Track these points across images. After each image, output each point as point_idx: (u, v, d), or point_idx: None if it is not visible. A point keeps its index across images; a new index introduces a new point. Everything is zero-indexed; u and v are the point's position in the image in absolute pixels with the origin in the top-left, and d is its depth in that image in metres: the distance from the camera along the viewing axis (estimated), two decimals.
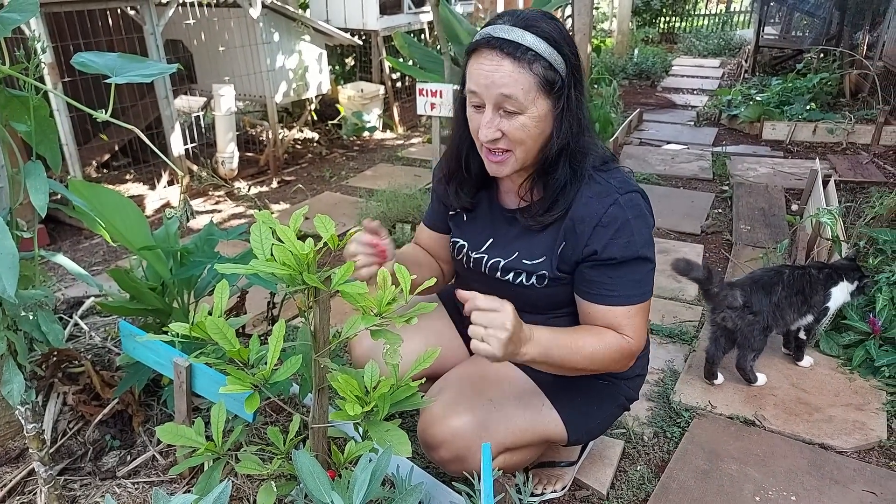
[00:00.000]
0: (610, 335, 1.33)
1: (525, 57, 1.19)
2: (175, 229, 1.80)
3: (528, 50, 1.19)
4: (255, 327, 2.26)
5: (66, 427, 1.70)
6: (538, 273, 1.39)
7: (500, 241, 1.46)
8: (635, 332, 1.35)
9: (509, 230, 1.44)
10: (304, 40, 4.92)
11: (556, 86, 1.23)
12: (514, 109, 1.22)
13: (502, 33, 1.21)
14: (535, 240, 1.39)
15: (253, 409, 1.05)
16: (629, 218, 1.29)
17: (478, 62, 1.23)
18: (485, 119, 1.24)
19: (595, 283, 1.34)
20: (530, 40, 1.20)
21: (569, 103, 1.26)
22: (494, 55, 1.20)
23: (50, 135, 1.32)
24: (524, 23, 1.22)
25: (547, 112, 1.25)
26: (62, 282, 2.98)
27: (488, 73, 1.20)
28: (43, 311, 1.38)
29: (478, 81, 1.23)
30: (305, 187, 4.52)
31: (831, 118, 5.20)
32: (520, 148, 1.27)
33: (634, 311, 1.34)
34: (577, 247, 1.32)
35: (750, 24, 11.53)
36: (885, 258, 2.64)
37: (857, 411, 2.09)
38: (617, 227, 1.29)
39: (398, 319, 1.04)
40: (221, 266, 0.99)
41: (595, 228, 1.29)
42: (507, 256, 1.43)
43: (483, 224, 1.49)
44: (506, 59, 1.19)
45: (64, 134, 3.53)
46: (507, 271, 1.43)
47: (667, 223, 3.60)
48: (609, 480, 1.82)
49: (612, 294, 1.32)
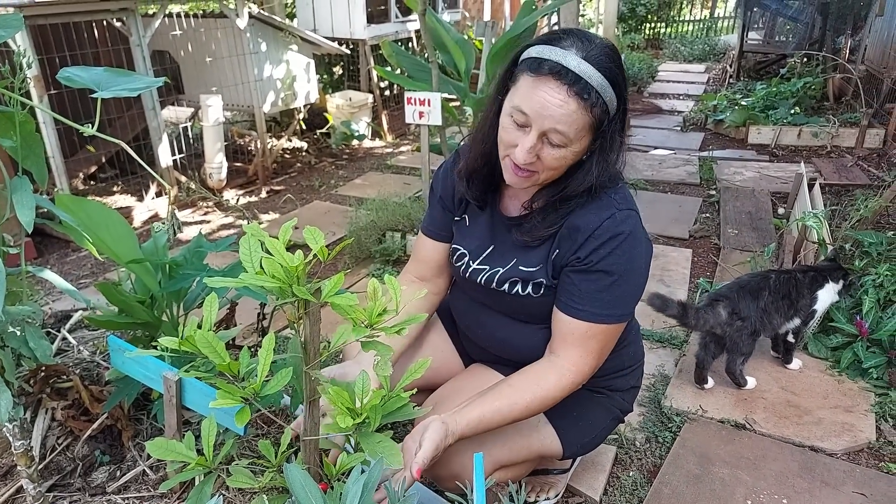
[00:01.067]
0: (549, 377, 1.33)
1: (590, 99, 1.16)
2: (164, 242, 1.79)
3: (595, 91, 1.16)
4: (246, 339, 2.25)
5: (55, 443, 1.68)
6: (535, 281, 1.38)
7: (499, 248, 1.45)
8: (584, 357, 1.33)
9: (508, 238, 1.43)
10: (291, 50, 4.92)
11: (603, 126, 1.21)
12: (559, 143, 1.20)
13: (573, 65, 1.15)
14: (532, 249, 1.39)
15: (244, 423, 1.05)
16: (619, 233, 1.28)
17: (540, 88, 1.17)
18: (527, 143, 1.20)
19: (566, 290, 1.33)
20: (598, 83, 1.16)
21: (611, 143, 1.25)
22: (563, 91, 1.15)
23: (36, 149, 1.31)
24: (595, 59, 1.17)
25: (587, 146, 1.24)
26: (50, 295, 2.96)
27: (552, 106, 1.16)
28: (30, 326, 1.37)
29: (534, 107, 1.18)
30: (295, 197, 4.52)
31: (815, 122, 5.26)
32: (548, 172, 1.26)
33: (593, 332, 1.32)
34: (567, 253, 1.33)
35: (734, 29, 11.66)
36: (871, 260, 2.67)
37: (845, 413, 2.11)
38: (605, 239, 1.28)
39: (389, 331, 1.04)
40: (211, 280, 0.99)
41: (588, 239, 1.29)
42: (506, 265, 1.42)
43: (484, 231, 1.48)
44: (573, 98, 1.15)
45: (50, 146, 3.51)
46: (503, 282, 1.42)
47: (655, 228, 3.62)
48: (602, 487, 1.82)
49: (577, 307, 1.31)
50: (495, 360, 1.57)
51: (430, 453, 1.18)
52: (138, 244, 1.70)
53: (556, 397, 1.34)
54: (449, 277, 1.64)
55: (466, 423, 1.25)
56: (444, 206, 1.55)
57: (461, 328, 1.66)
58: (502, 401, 1.30)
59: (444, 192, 1.54)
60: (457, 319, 1.67)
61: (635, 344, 1.61)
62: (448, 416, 1.25)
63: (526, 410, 1.32)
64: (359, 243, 3.39)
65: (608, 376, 1.52)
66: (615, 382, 1.54)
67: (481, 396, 1.32)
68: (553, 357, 1.36)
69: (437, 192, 1.56)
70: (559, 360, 1.34)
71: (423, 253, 1.61)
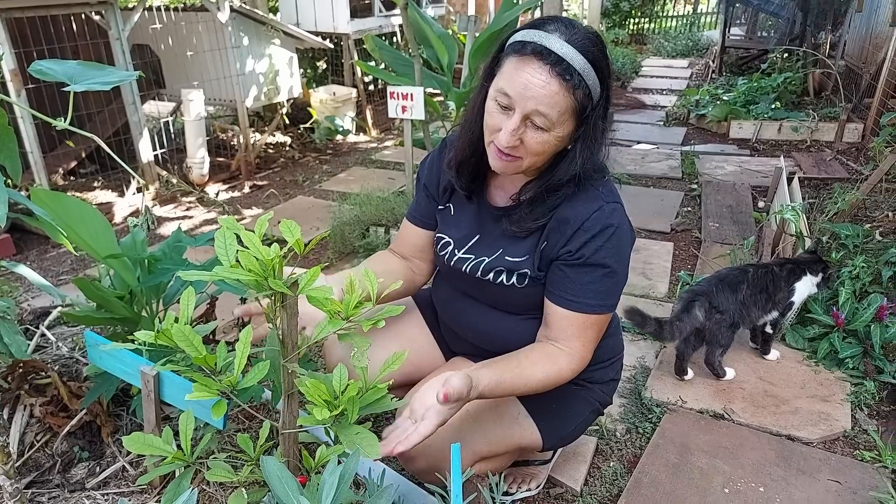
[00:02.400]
0: (560, 358, 1.34)
1: (572, 81, 1.16)
2: (142, 237, 1.78)
3: (577, 74, 1.17)
4: (226, 334, 2.24)
5: (34, 439, 1.67)
6: (520, 271, 1.39)
7: (485, 238, 1.46)
8: (583, 347, 1.36)
9: (495, 228, 1.44)
10: (274, 44, 4.89)
11: (586, 111, 1.22)
12: (542, 126, 1.20)
13: (556, 48, 1.16)
14: (519, 239, 1.40)
15: (220, 416, 1.05)
16: (609, 225, 1.30)
17: (523, 69, 1.18)
18: (510, 126, 1.21)
19: (559, 283, 1.35)
20: (581, 65, 1.17)
21: (594, 130, 1.25)
22: (545, 71, 1.16)
23: (9, 143, 1.29)
24: (579, 43, 1.17)
25: (570, 133, 1.25)
26: (29, 292, 2.93)
27: (535, 86, 1.17)
28: (5, 322, 1.36)
29: (517, 89, 1.18)
30: (278, 192, 4.50)
31: (796, 117, 5.31)
32: (531, 158, 1.26)
33: (590, 322, 1.35)
34: (556, 246, 1.34)
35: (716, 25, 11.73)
36: (847, 252, 2.71)
37: (822, 403, 2.14)
38: (595, 232, 1.30)
39: (366, 323, 1.05)
40: (185, 273, 0.98)
41: (577, 231, 1.31)
42: (491, 254, 1.43)
43: (469, 220, 1.49)
44: (555, 78, 1.16)
45: (29, 141, 3.47)
46: (488, 271, 1.43)
47: (637, 222, 3.65)
48: (583, 477, 1.84)
49: (572, 299, 1.33)
50: (476, 353, 1.57)
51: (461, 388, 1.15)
52: (116, 239, 1.69)
53: (564, 379, 1.35)
54: (430, 264, 1.65)
55: (488, 381, 1.24)
56: (427, 195, 1.56)
57: (443, 319, 1.67)
58: (521, 368, 1.31)
59: (429, 180, 1.55)
60: (439, 310, 1.67)
61: (615, 336, 1.62)
62: (470, 370, 1.23)
63: (539, 384, 1.32)
64: (342, 238, 3.39)
65: (588, 368, 1.52)
66: (595, 374, 1.55)
67: (499, 360, 1.32)
68: (556, 343, 1.37)
69: (422, 181, 1.58)
70: (563, 346, 1.36)
71: (407, 237, 1.63)
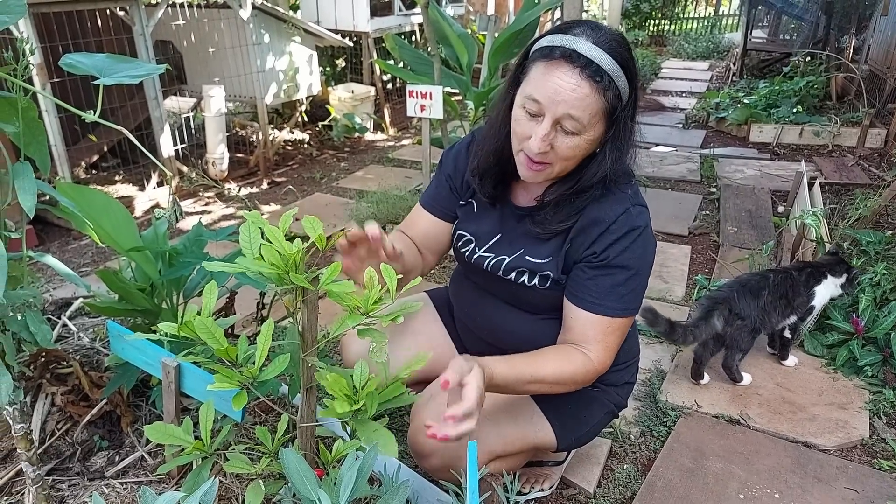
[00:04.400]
0: (577, 356, 1.32)
1: (603, 83, 1.15)
2: (164, 230, 1.80)
3: (606, 75, 1.16)
4: (245, 328, 2.27)
5: (55, 427, 1.70)
6: (542, 273, 1.38)
7: (507, 236, 1.44)
8: (605, 352, 1.34)
9: (517, 227, 1.42)
10: (294, 41, 4.92)
11: (616, 112, 1.21)
12: (573, 130, 1.19)
13: (584, 50, 1.15)
14: (542, 240, 1.38)
15: (240, 407, 1.06)
16: (635, 227, 1.29)
17: (552, 73, 1.17)
18: (541, 131, 1.19)
19: (582, 285, 1.33)
20: (610, 66, 1.16)
21: (624, 131, 1.24)
22: (575, 74, 1.15)
23: (38, 136, 1.32)
24: (606, 45, 1.16)
25: (600, 135, 1.23)
26: (51, 283, 2.97)
27: (566, 90, 1.15)
28: (31, 311, 1.38)
29: (546, 94, 1.17)
30: (296, 188, 4.53)
31: (817, 121, 5.25)
32: (562, 163, 1.25)
33: (613, 327, 1.33)
34: (581, 248, 1.32)
35: (738, 27, 11.62)
36: (868, 259, 2.68)
37: (840, 410, 2.12)
38: (621, 234, 1.29)
39: (385, 318, 1.06)
40: (210, 264, 1.00)
41: (603, 233, 1.29)
42: (513, 253, 1.41)
43: (492, 218, 1.47)
44: (585, 81, 1.15)
45: (53, 135, 3.52)
46: (510, 270, 1.41)
47: (655, 224, 3.58)
48: (596, 479, 1.84)
49: (595, 301, 1.31)
50: (492, 352, 1.58)
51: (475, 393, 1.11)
52: (138, 232, 1.72)
53: (579, 381, 1.33)
54: (435, 256, 1.60)
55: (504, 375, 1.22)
56: (451, 187, 1.53)
57: (458, 316, 1.67)
58: (534, 359, 1.29)
59: (454, 172, 1.51)
60: (456, 306, 1.67)
61: (631, 339, 1.61)
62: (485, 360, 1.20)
63: (553, 377, 1.28)
64: None
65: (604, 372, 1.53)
66: (610, 377, 1.54)
67: (513, 357, 1.29)
68: (576, 346, 1.35)
69: (444, 170, 1.53)
70: (583, 349, 1.34)
71: (420, 224, 1.57)
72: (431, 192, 1.57)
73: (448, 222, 1.56)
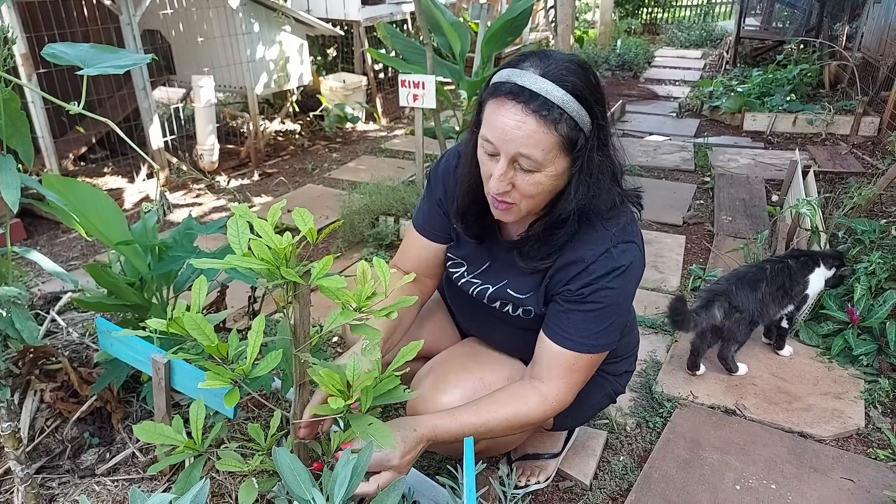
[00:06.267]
0: (532, 397, 1.32)
1: (551, 116, 1.09)
2: (153, 223, 1.77)
3: (556, 108, 1.09)
4: (237, 322, 2.24)
5: (44, 425, 1.67)
6: (524, 307, 1.39)
7: (495, 265, 1.43)
8: (566, 388, 1.33)
9: (506, 256, 1.40)
10: (284, 31, 4.86)
11: (577, 145, 1.14)
12: (531, 168, 1.14)
13: (529, 84, 1.10)
14: (525, 275, 1.37)
15: (232, 405, 1.04)
16: (616, 268, 1.25)
17: (499, 112, 1.12)
18: (497, 172, 1.15)
19: (556, 317, 1.32)
20: (559, 97, 1.09)
21: (589, 164, 1.17)
22: (519, 110, 1.10)
23: (21, 128, 1.29)
24: (554, 75, 1.11)
25: (564, 169, 1.17)
26: (39, 277, 2.93)
27: (509, 129, 1.11)
28: (17, 307, 1.35)
29: (495, 134, 1.13)
30: (288, 180, 4.48)
31: (811, 109, 5.24)
32: (528, 201, 1.20)
33: (580, 363, 1.31)
34: (559, 284, 1.31)
35: (731, 15, 11.60)
36: (863, 248, 2.67)
37: (835, 400, 2.12)
38: (600, 275, 1.25)
39: (378, 314, 1.03)
40: (198, 261, 0.97)
41: (580, 273, 1.26)
42: (496, 283, 1.41)
43: (484, 245, 1.44)
44: (530, 116, 1.09)
45: (39, 126, 3.47)
46: (493, 300, 1.43)
47: (649, 214, 3.61)
48: (592, 471, 1.83)
49: (565, 336, 1.30)
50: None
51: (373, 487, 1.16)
52: (127, 226, 1.68)
53: (534, 421, 1.34)
54: (436, 279, 1.59)
55: (446, 429, 1.26)
56: (443, 211, 1.47)
57: (455, 315, 1.68)
58: (482, 410, 1.30)
59: (445, 195, 1.45)
60: (453, 309, 1.69)
61: (631, 333, 1.62)
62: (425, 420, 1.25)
63: (505, 423, 1.30)
64: (352, 227, 3.37)
65: (604, 362, 1.52)
66: (609, 367, 1.54)
67: (461, 409, 1.31)
68: (536, 383, 1.35)
69: (435, 194, 1.47)
70: (543, 387, 1.33)
71: (413, 251, 1.54)
72: (424, 216, 1.51)
73: (444, 244, 1.52)
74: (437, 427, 1.25)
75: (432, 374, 1.49)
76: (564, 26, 4.96)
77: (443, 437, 1.25)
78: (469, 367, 1.48)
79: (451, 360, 1.53)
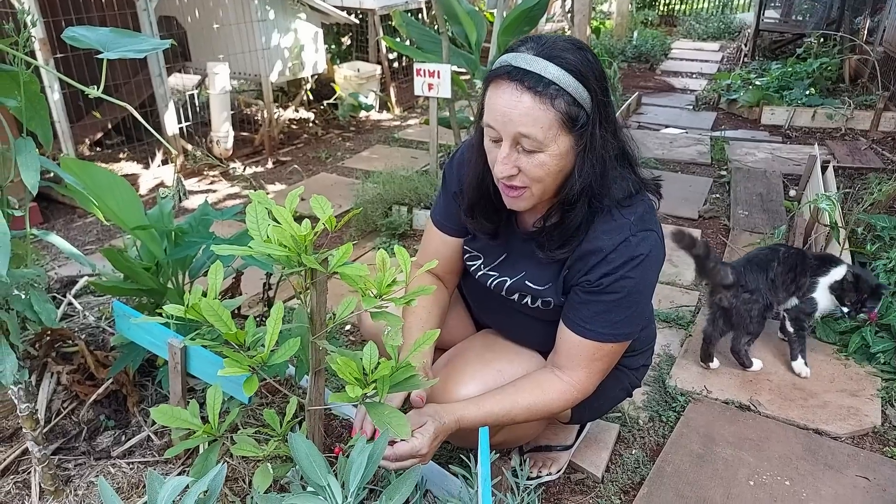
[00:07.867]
0: (554, 385, 1.33)
1: (547, 92, 1.09)
2: (169, 209, 1.78)
3: (551, 84, 1.09)
4: (251, 308, 2.25)
5: (60, 407, 1.69)
6: (543, 298, 1.38)
7: (512, 257, 1.42)
8: (588, 378, 1.33)
9: (523, 247, 1.39)
10: (299, 18, 4.85)
11: (579, 122, 1.13)
12: (533, 148, 1.14)
13: (523, 63, 1.11)
14: (543, 266, 1.36)
15: (251, 392, 1.04)
16: (635, 256, 1.24)
17: (496, 94, 1.14)
18: (501, 155, 1.16)
19: (575, 308, 1.31)
20: (554, 73, 1.10)
21: (592, 142, 1.16)
22: (514, 89, 1.10)
23: (41, 111, 1.29)
24: (548, 52, 1.11)
25: (569, 149, 1.16)
26: (56, 261, 2.96)
27: (506, 108, 1.11)
28: (35, 290, 1.36)
29: (494, 116, 1.14)
30: (301, 168, 4.49)
31: (830, 104, 5.17)
32: (537, 185, 1.19)
33: (601, 352, 1.31)
34: (578, 274, 1.30)
35: (750, 7, 11.44)
36: (883, 244, 2.64)
37: (851, 397, 2.10)
38: (619, 264, 1.24)
39: (398, 301, 1.03)
40: (218, 247, 0.97)
41: (599, 262, 1.25)
42: (514, 276, 1.40)
43: (500, 237, 1.43)
44: (526, 93, 1.10)
45: (56, 111, 3.48)
46: (512, 292, 1.42)
47: (664, 208, 3.58)
48: (604, 464, 1.82)
49: (585, 326, 1.29)
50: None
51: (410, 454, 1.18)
52: (144, 211, 1.69)
53: (555, 410, 1.35)
54: (457, 276, 1.60)
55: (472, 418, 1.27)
56: (459, 204, 1.46)
57: (473, 307, 1.68)
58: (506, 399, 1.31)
59: (460, 190, 1.44)
60: (470, 302, 1.69)
61: (649, 327, 1.61)
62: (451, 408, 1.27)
63: (527, 411, 1.32)
64: (365, 216, 3.37)
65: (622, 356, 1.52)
66: (626, 361, 1.53)
67: (484, 397, 1.33)
68: (558, 371, 1.35)
69: (450, 188, 1.47)
70: (564, 375, 1.34)
71: (432, 247, 1.54)
72: (441, 211, 1.52)
73: (463, 237, 1.52)
74: (463, 417, 1.26)
75: (449, 365, 1.48)
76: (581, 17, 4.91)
77: (467, 426, 1.26)
78: (487, 359, 1.47)
79: (467, 351, 1.52)
